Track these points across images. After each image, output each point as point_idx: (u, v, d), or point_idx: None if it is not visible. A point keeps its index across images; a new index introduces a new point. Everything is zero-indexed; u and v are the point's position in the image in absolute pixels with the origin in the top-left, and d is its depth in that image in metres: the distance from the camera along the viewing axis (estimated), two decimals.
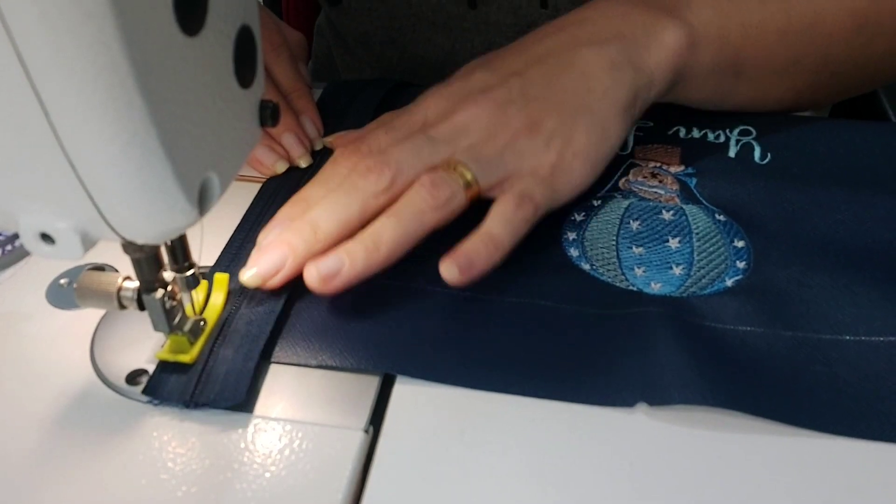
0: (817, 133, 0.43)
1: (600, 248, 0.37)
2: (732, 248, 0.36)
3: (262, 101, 0.27)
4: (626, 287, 0.34)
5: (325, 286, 0.32)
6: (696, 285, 0.34)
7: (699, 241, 0.37)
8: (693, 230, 0.37)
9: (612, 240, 0.37)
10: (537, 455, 0.28)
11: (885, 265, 0.35)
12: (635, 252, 0.36)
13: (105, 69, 0.18)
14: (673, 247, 0.36)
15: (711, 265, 0.35)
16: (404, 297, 0.34)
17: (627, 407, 0.29)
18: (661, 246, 0.36)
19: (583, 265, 0.36)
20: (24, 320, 0.33)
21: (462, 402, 0.30)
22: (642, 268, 0.35)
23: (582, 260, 0.36)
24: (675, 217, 0.38)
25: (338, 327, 0.32)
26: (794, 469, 0.27)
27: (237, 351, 0.31)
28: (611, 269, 0.35)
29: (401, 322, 0.33)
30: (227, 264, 0.35)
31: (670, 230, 0.37)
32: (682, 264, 0.35)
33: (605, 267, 0.36)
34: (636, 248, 0.36)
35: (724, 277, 0.35)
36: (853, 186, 0.39)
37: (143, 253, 0.27)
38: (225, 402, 0.29)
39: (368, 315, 0.33)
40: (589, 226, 0.38)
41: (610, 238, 0.37)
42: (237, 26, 0.24)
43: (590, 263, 0.36)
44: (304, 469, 0.27)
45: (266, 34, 0.44)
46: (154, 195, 0.22)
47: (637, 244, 0.37)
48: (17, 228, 0.23)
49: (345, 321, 0.32)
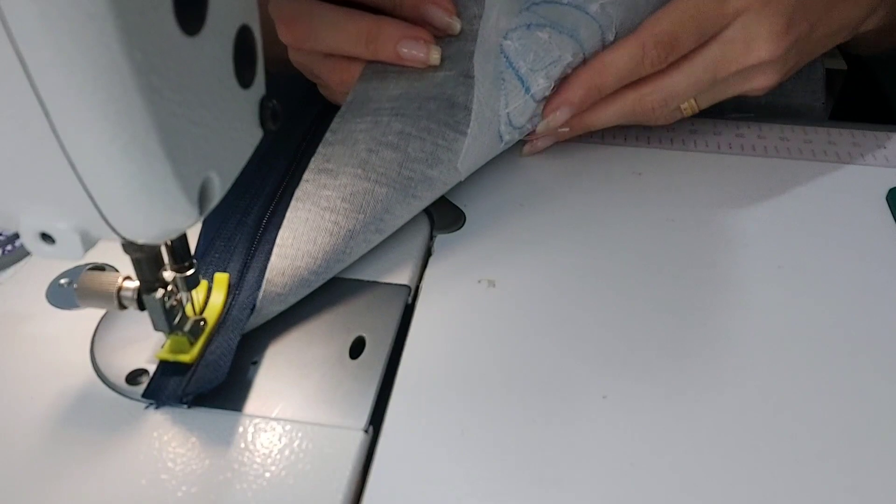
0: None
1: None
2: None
3: (262, 100, 0.27)
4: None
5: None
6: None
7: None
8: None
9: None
10: (537, 455, 0.28)
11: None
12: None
13: (105, 69, 0.18)
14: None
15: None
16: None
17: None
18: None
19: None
20: (24, 320, 0.33)
21: (462, 402, 0.30)
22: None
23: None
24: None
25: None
26: (794, 469, 0.27)
27: (221, 336, 0.31)
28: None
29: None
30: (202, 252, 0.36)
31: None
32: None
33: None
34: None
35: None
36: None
37: (144, 253, 0.27)
38: (210, 384, 0.29)
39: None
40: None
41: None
42: (237, 26, 0.24)
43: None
44: (304, 469, 0.27)
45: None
46: (154, 195, 0.22)
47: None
48: (17, 228, 0.23)
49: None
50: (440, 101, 0.37)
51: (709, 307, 0.34)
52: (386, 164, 0.35)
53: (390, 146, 0.36)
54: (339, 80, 0.41)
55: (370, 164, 0.35)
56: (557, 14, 0.40)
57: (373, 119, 0.37)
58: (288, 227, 0.34)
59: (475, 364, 0.32)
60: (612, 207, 0.41)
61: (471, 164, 0.38)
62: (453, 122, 0.37)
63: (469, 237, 0.39)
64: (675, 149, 0.46)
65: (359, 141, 0.36)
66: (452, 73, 0.38)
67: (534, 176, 0.43)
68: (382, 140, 0.36)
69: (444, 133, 0.36)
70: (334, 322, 0.33)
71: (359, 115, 0.38)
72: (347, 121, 0.38)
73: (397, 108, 0.37)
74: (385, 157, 0.36)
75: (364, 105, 0.38)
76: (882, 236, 0.39)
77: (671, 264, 0.37)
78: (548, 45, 0.39)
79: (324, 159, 0.36)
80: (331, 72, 0.41)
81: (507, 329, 0.33)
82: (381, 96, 0.38)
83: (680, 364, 0.31)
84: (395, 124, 0.37)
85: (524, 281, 0.36)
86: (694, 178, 0.43)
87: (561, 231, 0.39)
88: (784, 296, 0.35)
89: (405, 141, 0.36)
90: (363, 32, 0.39)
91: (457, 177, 0.37)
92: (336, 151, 0.36)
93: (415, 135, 0.36)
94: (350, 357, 0.32)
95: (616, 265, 0.37)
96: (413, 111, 0.37)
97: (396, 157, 0.36)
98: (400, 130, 0.36)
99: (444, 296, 0.35)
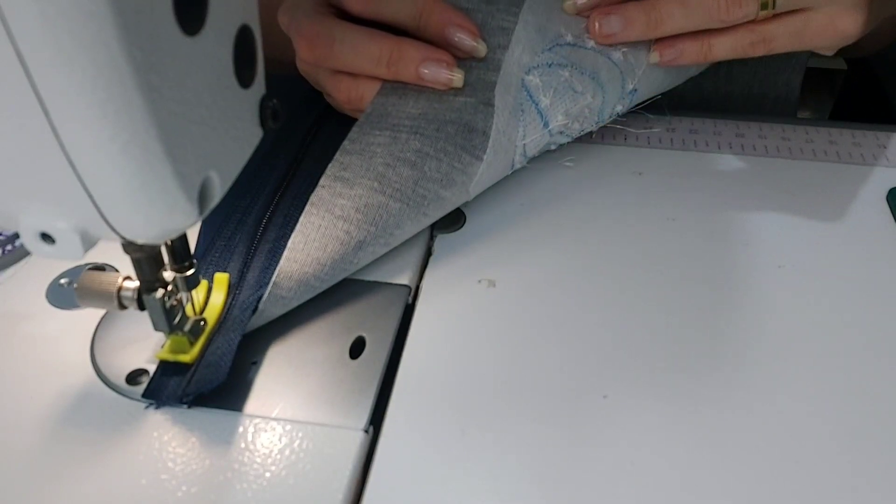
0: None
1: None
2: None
3: (262, 100, 0.27)
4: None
5: (603, 39, 0.40)
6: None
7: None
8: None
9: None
10: (537, 455, 0.28)
11: None
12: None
13: (105, 69, 0.18)
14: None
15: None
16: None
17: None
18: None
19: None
20: (24, 320, 0.33)
21: (462, 402, 0.30)
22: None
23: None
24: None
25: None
26: (794, 467, 0.27)
27: (222, 336, 0.31)
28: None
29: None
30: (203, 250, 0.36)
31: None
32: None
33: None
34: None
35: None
36: None
37: (144, 253, 0.27)
38: (210, 384, 0.29)
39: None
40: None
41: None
42: (237, 26, 0.24)
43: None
44: (304, 469, 0.27)
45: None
46: (154, 195, 0.22)
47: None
48: (17, 228, 0.23)
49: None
50: (458, 125, 0.38)
51: (709, 306, 0.34)
52: (402, 180, 0.36)
53: (408, 163, 0.36)
54: (346, 98, 0.41)
55: (386, 179, 0.36)
56: (580, 56, 0.41)
57: (391, 134, 0.38)
58: (301, 232, 0.34)
59: (475, 364, 0.31)
60: (612, 207, 0.41)
61: (480, 188, 0.39)
62: (470, 146, 0.37)
63: (469, 237, 0.39)
64: (675, 149, 0.46)
65: (376, 154, 0.37)
66: (472, 99, 0.39)
67: (534, 176, 0.43)
68: (400, 156, 0.37)
69: (461, 156, 0.37)
70: (334, 322, 0.33)
71: (377, 127, 0.38)
72: (366, 132, 0.38)
73: (416, 127, 0.38)
74: (402, 174, 0.36)
75: (382, 119, 0.38)
76: (882, 236, 0.39)
77: (671, 264, 0.37)
78: (569, 82, 0.40)
79: (341, 167, 0.37)
80: (337, 88, 0.41)
81: (507, 329, 0.33)
82: (399, 112, 0.39)
83: (680, 364, 0.31)
84: (413, 142, 0.37)
85: (524, 281, 0.36)
86: (694, 178, 0.43)
87: (561, 231, 0.39)
88: (784, 295, 0.35)
89: (422, 160, 0.36)
90: (385, 53, 0.39)
91: (465, 198, 0.38)
92: (353, 161, 0.37)
93: (432, 155, 0.36)
94: (350, 357, 0.32)
95: (617, 265, 0.37)
96: (432, 132, 0.37)
97: (413, 175, 0.36)
98: (418, 149, 0.37)
99: (444, 296, 0.35)
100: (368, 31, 0.39)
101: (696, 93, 0.54)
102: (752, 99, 0.55)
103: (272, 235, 0.37)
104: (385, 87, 0.40)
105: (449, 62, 0.39)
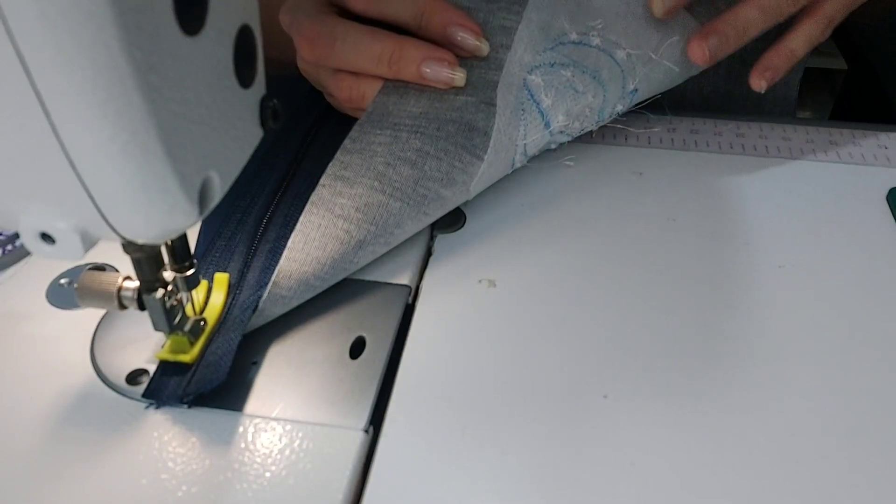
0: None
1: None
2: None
3: (262, 100, 0.27)
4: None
5: (711, 61, 0.42)
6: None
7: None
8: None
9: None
10: (537, 455, 0.28)
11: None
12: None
13: (105, 69, 0.18)
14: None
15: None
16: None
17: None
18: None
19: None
20: (24, 320, 0.33)
21: (462, 401, 0.30)
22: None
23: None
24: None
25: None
26: (794, 467, 0.27)
27: (222, 336, 0.31)
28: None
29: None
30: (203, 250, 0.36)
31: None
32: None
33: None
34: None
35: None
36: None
37: (144, 253, 0.27)
38: (210, 384, 0.29)
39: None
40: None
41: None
42: (237, 26, 0.24)
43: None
44: (304, 469, 0.27)
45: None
46: (154, 195, 0.22)
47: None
48: (17, 228, 0.23)
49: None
50: (459, 124, 0.38)
51: (709, 306, 0.34)
52: (402, 179, 0.36)
53: (408, 162, 0.36)
54: (348, 97, 0.41)
55: (387, 178, 0.36)
56: (583, 54, 0.41)
57: (392, 133, 0.38)
58: (301, 231, 0.34)
59: (475, 364, 0.31)
60: (613, 207, 0.41)
61: (481, 187, 0.39)
62: (471, 145, 0.37)
63: (469, 237, 0.39)
64: (675, 149, 0.46)
65: (377, 153, 0.37)
66: (473, 98, 0.39)
67: (534, 176, 0.43)
68: (401, 155, 0.37)
69: (461, 156, 0.37)
70: (334, 322, 0.33)
71: (378, 126, 0.38)
72: (367, 132, 0.38)
73: (417, 126, 0.38)
74: (402, 173, 0.36)
75: (383, 118, 0.39)
76: (882, 236, 0.39)
77: (671, 264, 0.37)
78: (571, 82, 0.40)
79: (341, 166, 0.37)
80: (338, 87, 0.41)
81: (507, 329, 0.33)
82: (400, 112, 0.39)
83: (680, 363, 0.31)
84: (413, 141, 0.37)
85: (524, 281, 0.36)
86: (695, 178, 0.43)
87: (561, 231, 0.39)
88: (784, 295, 0.35)
89: (423, 159, 0.36)
90: (386, 52, 0.39)
91: (466, 197, 0.38)
92: (354, 160, 0.37)
93: (433, 154, 0.36)
94: (350, 357, 0.32)
95: (617, 265, 0.37)
96: (433, 131, 0.37)
97: (413, 174, 0.36)
98: (419, 148, 0.37)
99: (444, 296, 0.35)
100: (370, 30, 0.39)
101: (697, 93, 0.54)
102: (752, 99, 0.55)
103: (272, 235, 0.37)
104: (386, 86, 0.40)
105: (450, 61, 0.39)
